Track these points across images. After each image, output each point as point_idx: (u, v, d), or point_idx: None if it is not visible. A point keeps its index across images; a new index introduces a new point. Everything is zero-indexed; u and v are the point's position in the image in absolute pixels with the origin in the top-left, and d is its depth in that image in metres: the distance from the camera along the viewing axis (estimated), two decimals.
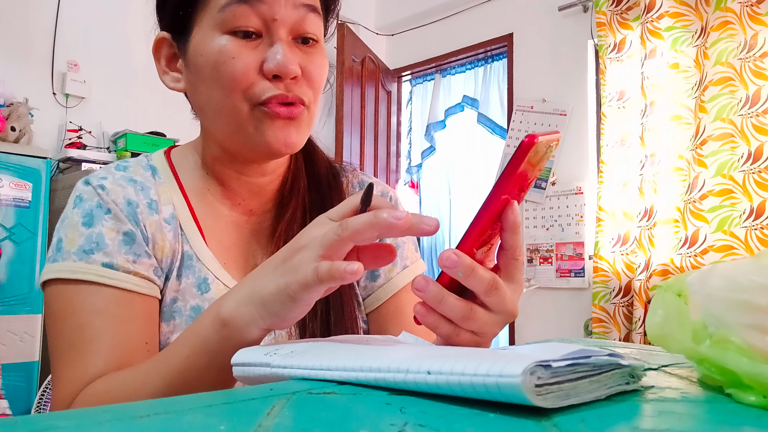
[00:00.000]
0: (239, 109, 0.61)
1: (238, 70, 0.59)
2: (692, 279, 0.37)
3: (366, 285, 0.74)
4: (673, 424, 0.27)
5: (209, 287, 0.65)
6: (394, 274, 0.74)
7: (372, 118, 3.73)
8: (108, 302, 0.58)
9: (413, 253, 0.78)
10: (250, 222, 0.71)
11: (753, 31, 2.42)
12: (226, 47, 0.60)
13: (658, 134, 2.62)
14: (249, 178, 0.69)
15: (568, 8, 3.11)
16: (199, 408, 0.30)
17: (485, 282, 0.42)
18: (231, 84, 0.60)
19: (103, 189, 0.63)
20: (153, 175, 0.69)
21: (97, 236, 0.61)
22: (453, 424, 0.27)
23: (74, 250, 0.60)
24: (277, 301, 0.45)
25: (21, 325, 2.16)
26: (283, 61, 0.59)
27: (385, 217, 0.42)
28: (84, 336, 0.57)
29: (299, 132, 0.63)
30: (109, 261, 0.60)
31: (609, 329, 2.73)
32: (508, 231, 0.44)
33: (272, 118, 0.61)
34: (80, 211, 0.62)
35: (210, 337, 0.48)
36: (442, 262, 0.41)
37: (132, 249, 0.62)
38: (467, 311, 0.43)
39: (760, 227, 2.35)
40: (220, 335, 0.48)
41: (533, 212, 3.18)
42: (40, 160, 2.28)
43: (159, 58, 0.68)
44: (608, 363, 0.32)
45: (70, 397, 0.55)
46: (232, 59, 0.59)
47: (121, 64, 2.86)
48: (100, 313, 0.58)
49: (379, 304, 0.73)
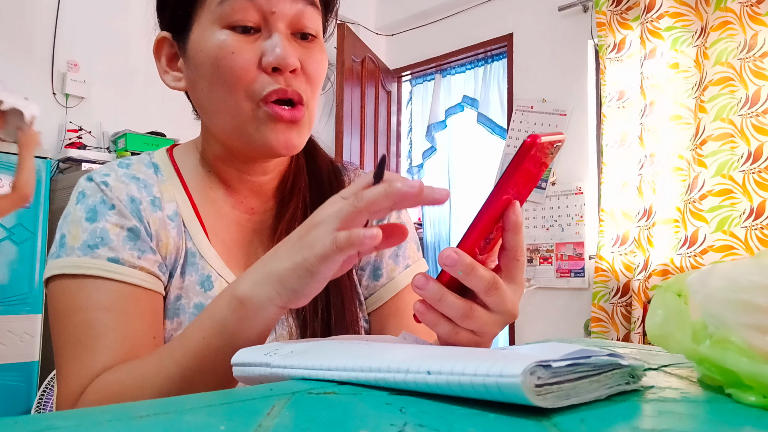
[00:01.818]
0: (241, 108, 0.60)
1: (238, 66, 0.59)
2: (692, 279, 0.37)
3: (368, 284, 0.74)
4: (673, 424, 0.27)
5: (212, 285, 0.65)
6: (396, 273, 0.74)
7: (372, 118, 3.73)
8: (115, 298, 0.58)
9: (415, 252, 0.77)
10: (251, 221, 0.71)
11: (753, 31, 2.42)
12: (226, 42, 0.60)
13: (657, 134, 2.62)
14: (250, 177, 0.69)
15: (568, 8, 3.11)
16: (199, 408, 0.30)
17: (485, 281, 0.42)
18: (232, 81, 0.60)
19: (106, 185, 0.63)
20: (155, 172, 0.68)
21: (101, 231, 0.60)
22: (453, 424, 0.27)
23: (78, 246, 0.59)
24: (294, 276, 0.45)
25: (21, 325, 2.16)
26: (282, 53, 0.59)
27: (399, 186, 0.43)
28: (91, 332, 0.56)
29: (300, 134, 0.63)
30: (114, 256, 0.59)
31: (608, 329, 2.73)
32: (509, 231, 0.44)
33: (275, 120, 0.61)
34: (83, 206, 0.62)
35: (226, 317, 0.48)
36: (442, 260, 0.42)
37: (137, 245, 0.61)
38: (467, 310, 0.43)
39: (760, 227, 2.35)
40: (238, 314, 0.48)
41: (533, 212, 3.18)
42: (40, 160, 2.28)
43: (159, 58, 0.68)
44: (608, 363, 0.32)
45: (78, 392, 0.55)
46: (231, 54, 0.59)
47: (121, 64, 2.87)
48: (107, 309, 0.57)
49: (380, 304, 0.73)
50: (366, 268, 0.74)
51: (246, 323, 0.48)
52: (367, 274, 0.74)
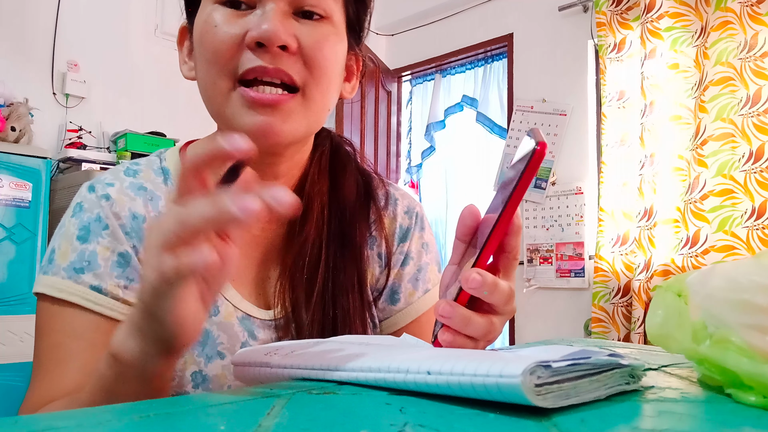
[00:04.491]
0: (218, 86, 0.55)
1: (218, 39, 0.54)
2: (692, 279, 0.37)
3: (384, 307, 0.70)
4: (673, 424, 0.27)
5: (218, 310, 0.60)
6: (414, 298, 0.70)
7: (372, 118, 3.73)
8: (88, 327, 0.55)
9: (436, 275, 0.72)
10: (265, 230, 0.65)
11: (753, 31, 2.42)
12: (211, 15, 0.55)
13: (658, 134, 2.62)
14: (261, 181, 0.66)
15: (568, 8, 3.11)
16: (199, 408, 0.30)
17: (505, 294, 0.42)
18: (212, 56, 0.54)
19: (107, 199, 0.59)
20: (165, 180, 0.64)
21: (90, 254, 0.57)
22: (453, 424, 0.27)
23: (65, 266, 0.57)
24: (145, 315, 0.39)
25: (21, 325, 2.16)
26: (269, 27, 0.52)
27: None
28: (54, 357, 0.55)
29: (287, 120, 0.55)
30: (97, 284, 0.56)
31: (608, 329, 2.73)
32: (510, 234, 0.44)
33: (248, 106, 0.54)
34: (78, 222, 0.59)
35: (104, 374, 0.43)
36: (467, 284, 0.41)
37: (125, 272, 0.58)
38: (489, 326, 0.43)
39: (761, 227, 2.35)
40: (114, 372, 0.42)
41: (533, 212, 3.18)
42: (40, 160, 2.28)
43: (182, 48, 0.64)
44: (608, 363, 0.32)
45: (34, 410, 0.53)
46: (214, 28, 0.54)
47: (121, 64, 2.86)
48: (76, 337, 0.55)
49: (397, 329, 0.69)
50: (383, 290, 0.70)
51: (125, 380, 0.41)
52: (383, 297, 0.70)
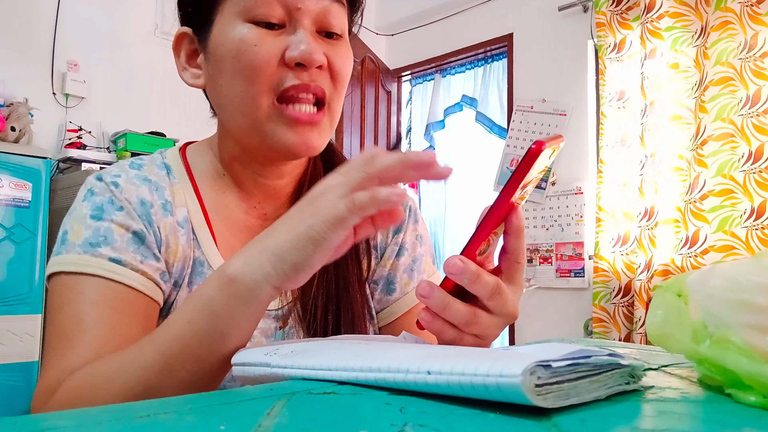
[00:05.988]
0: (259, 103, 0.59)
1: (259, 58, 0.57)
2: (692, 279, 0.37)
3: (380, 298, 0.72)
4: (673, 424, 0.27)
5: None
6: (409, 288, 0.72)
7: (372, 118, 3.73)
8: (109, 295, 0.55)
9: (430, 266, 0.75)
10: (264, 227, 0.68)
11: (753, 31, 2.42)
12: (248, 35, 0.58)
13: (658, 134, 2.62)
14: (265, 180, 0.67)
15: (568, 8, 3.11)
16: (199, 408, 0.30)
17: (490, 287, 0.42)
18: (252, 73, 0.58)
19: (116, 186, 0.61)
20: (167, 174, 0.66)
21: (106, 230, 0.58)
22: (453, 424, 0.27)
23: (79, 243, 0.57)
24: (295, 248, 0.43)
25: (21, 325, 2.16)
26: (308, 48, 0.57)
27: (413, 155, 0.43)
28: (79, 326, 0.54)
29: (321, 135, 0.61)
30: (116, 256, 0.57)
31: (609, 329, 2.73)
32: (512, 235, 0.44)
33: (289, 125, 0.59)
34: (90, 204, 0.60)
35: (213, 297, 0.44)
36: (448, 269, 0.41)
37: (140, 249, 0.59)
38: (471, 316, 0.43)
39: (760, 227, 2.35)
40: (226, 294, 0.44)
41: (533, 212, 3.18)
42: (39, 160, 2.28)
43: (179, 54, 0.66)
44: (608, 363, 0.32)
45: (54, 386, 0.51)
46: (254, 47, 0.57)
47: (121, 64, 2.86)
48: (97, 305, 0.55)
49: (393, 319, 0.71)
50: (379, 281, 0.72)
51: (235, 304, 0.44)
52: (380, 287, 0.72)
